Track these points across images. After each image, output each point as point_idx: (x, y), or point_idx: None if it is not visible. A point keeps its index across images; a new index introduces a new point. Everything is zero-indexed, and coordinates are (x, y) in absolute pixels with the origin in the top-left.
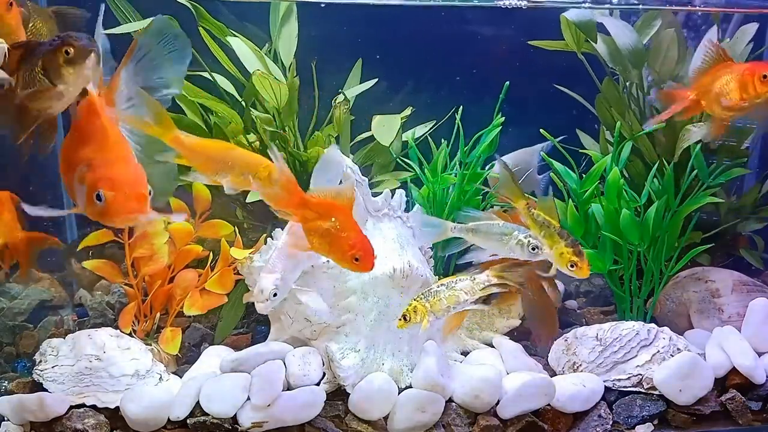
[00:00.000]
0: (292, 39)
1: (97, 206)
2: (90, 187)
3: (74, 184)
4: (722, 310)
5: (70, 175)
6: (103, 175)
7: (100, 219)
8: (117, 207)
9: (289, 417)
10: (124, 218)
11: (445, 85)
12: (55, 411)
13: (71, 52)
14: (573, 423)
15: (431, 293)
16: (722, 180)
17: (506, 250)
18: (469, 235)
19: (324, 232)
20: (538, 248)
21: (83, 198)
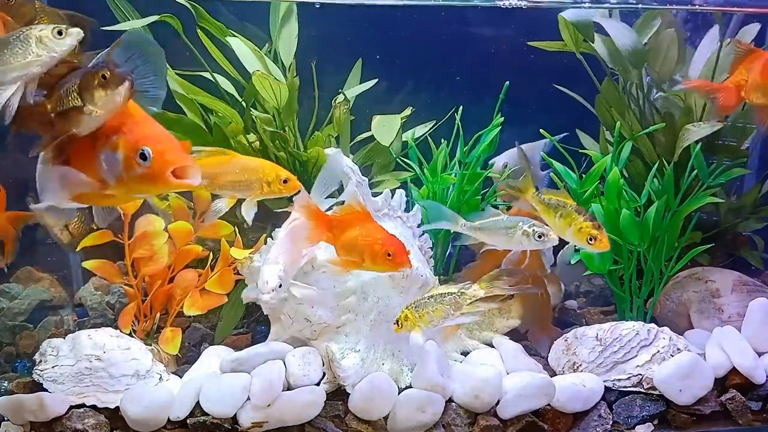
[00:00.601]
0: (292, 39)
1: (142, 168)
2: (130, 150)
3: (99, 160)
4: (722, 310)
5: (88, 154)
6: (143, 133)
7: (146, 182)
8: (166, 160)
9: (289, 417)
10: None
11: (444, 85)
12: (55, 411)
13: (107, 76)
14: (573, 423)
15: (421, 304)
16: (722, 180)
17: (514, 244)
18: (476, 232)
19: (354, 241)
20: (544, 235)
21: (117, 168)
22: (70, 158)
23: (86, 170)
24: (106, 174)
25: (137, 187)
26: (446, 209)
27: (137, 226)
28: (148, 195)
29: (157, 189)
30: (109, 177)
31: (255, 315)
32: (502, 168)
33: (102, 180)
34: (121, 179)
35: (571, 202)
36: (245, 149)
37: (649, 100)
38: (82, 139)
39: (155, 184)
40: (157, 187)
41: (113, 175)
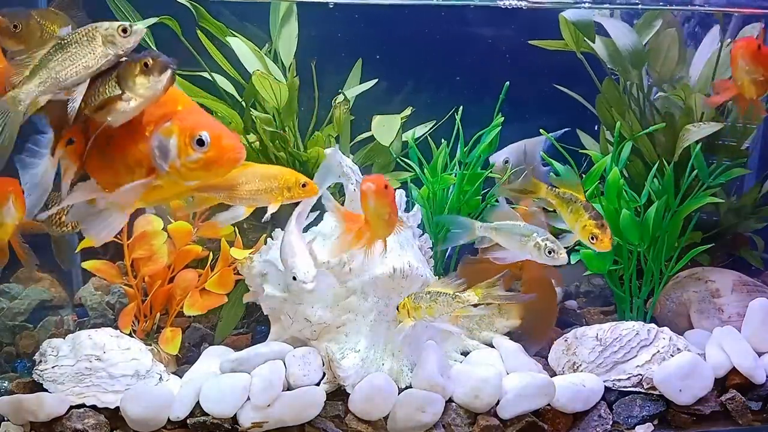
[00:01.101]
0: (292, 39)
1: (198, 154)
2: (186, 135)
3: (151, 147)
4: (722, 310)
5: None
6: (198, 120)
7: (202, 168)
8: (223, 146)
9: (289, 417)
10: (232, 158)
11: (445, 85)
12: (55, 411)
13: (150, 63)
14: (573, 423)
15: (418, 297)
16: (722, 180)
17: (524, 252)
18: (493, 233)
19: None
20: (554, 252)
21: (171, 154)
22: (115, 152)
23: (132, 164)
24: (157, 162)
25: (191, 175)
26: (460, 218)
27: (136, 226)
28: (200, 183)
29: (212, 175)
30: (161, 165)
31: (255, 315)
32: (502, 164)
33: (151, 170)
34: (174, 167)
35: (582, 197)
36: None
37: (649, 100)
38: (129, 132)
39: (211, 170)
40: (212, 174)
41: (165, 162)
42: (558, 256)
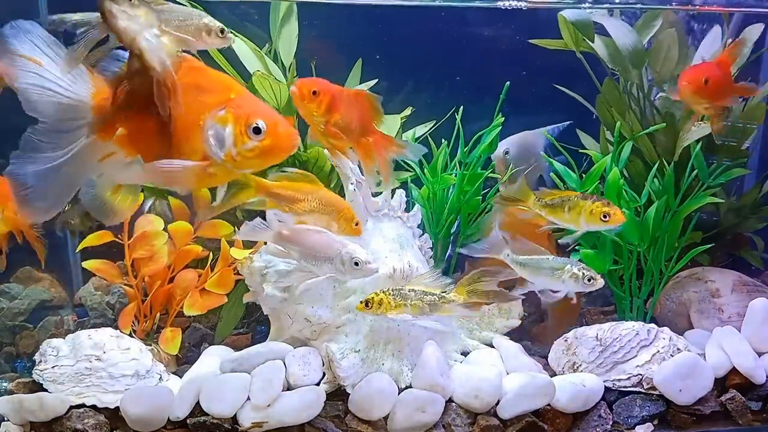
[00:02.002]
0: (292, 39)
1: (254, 142)
2: (242, 124)
3: (206, 136)
4: (722, 310)
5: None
6: (253, 108)
7: (258, 156)
8: (279, 134)
9: (289, 417)
10: (287, 146)
11: (445, 85)
12: (55, 411)
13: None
14: (573, 423)
15: (401, 294)
16: (722, 180)
17: (559, 284)
18: (518, 267)
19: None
20: (594, 279)
21: (226, 142)
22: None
23: (188, 152)
24: (213, 151)
25: (247, 163)
26: (492, 236)
27: (137, 226)
28: (254, 171)
29: (268, 163)
30: (216, 153)
31: (255, 315)
32: (503, 155)
33: (206, 158)
34: (229, 155)
35: (572, 193)
36: None
37: (649, 100)
38: (183, 120)
39: (267, 158)
40: (265, 161)
41: (222, 151)
42: (596, 282)
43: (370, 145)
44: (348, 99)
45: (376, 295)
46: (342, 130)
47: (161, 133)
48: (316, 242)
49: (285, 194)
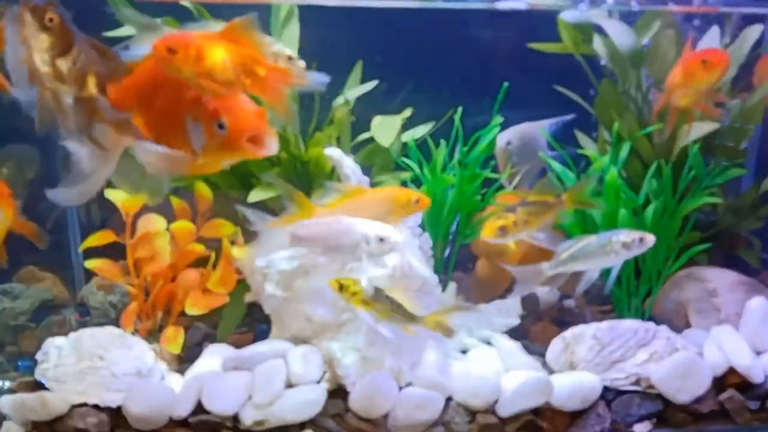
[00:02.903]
0: (293, 41)
1: (220, 138)
2: (209, 120)
3: (188, 131)
4: (720, 310)
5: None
6: (220, 104)
7: (225, 150)
8: (240, 129)
9: (290, 415)
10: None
11: (445, 86)
12: (57, 410)
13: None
14: (571, 421)
15: (378, 296)
16: (720, 180)
17: (613, 259)
18: (569, 265)
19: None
20: (644, 238)
21: (201, 138)
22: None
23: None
24: (194, 144)
25: (219, 156)
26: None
27: (139, 226)
28: (232, 162)
29: (235, 157)
30: (196, 147)
31: (256, 314)
32: (504, 146)
33: (192, 151)
34: (205, 149)
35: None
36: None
37: (647, 100)
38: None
39: (233, 152)
40: (234, 155)
41: (199, 144)
42: (647, 239)
43: (263, 81)
44: (214, 40)
45: (354, 285)
46: (220, 77)
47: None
48: (335, 232)
49: (340, 212)
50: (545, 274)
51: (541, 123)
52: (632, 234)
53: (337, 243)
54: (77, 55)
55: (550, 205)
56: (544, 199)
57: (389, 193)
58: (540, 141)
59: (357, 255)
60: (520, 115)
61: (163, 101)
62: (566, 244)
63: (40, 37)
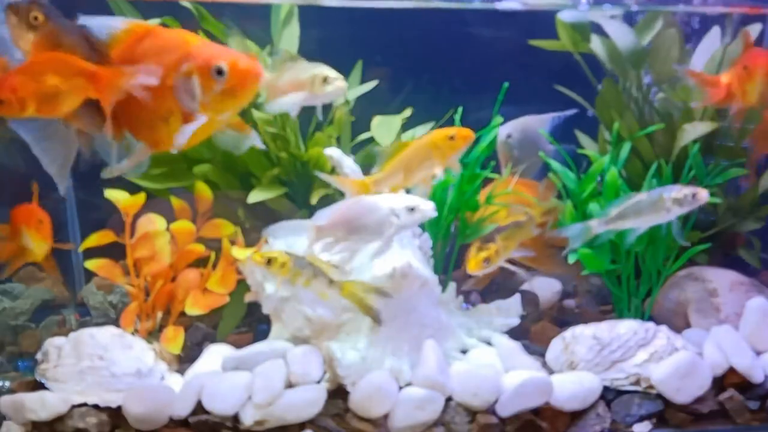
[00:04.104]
0: (293, 40)
1: (220, 84)
2: (204, 71)
3: (178, 92)
4: (720, 310)
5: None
6: (210, 52)
7: (228, 97)
8: (241, 69)
9: (290, 415)
10: (252, 79)
11: (445, 86)
12: (57, 410)
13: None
14: (571, 421)
15: (303, 264)
16: (720, 180)
17: (665, 216)
18: (618, 222)
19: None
20: (696, 193)
21: (197, 93)
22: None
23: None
24: (187, 105)
25: (221, 107)
26: (572, 227)
27: (139, 226)
28: (233, 113)
29: (239, 101)
30: (192, 106)
31: (256, 314)
32: (505, 139)
33: (186, 113)
34: (203, 104)
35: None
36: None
37: (648, 100)
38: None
39: (237, 96)
40: (239, 99)
41: (195, 102)
42: (700, 195)
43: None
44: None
45: (281, 256)
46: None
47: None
48: (358, 213)
49: (390, 175)
50: (593, 232)
51: (542, 117)
52: (684, 189)
53: (362, 223)
54: (69, 51)
55: (521, 224)
56: (514, 220)
57: (426, 140)
58: (539, 134)
59: (383, 232)
60: (520, 115)
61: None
62: (616, 202)
63: (27, 36)
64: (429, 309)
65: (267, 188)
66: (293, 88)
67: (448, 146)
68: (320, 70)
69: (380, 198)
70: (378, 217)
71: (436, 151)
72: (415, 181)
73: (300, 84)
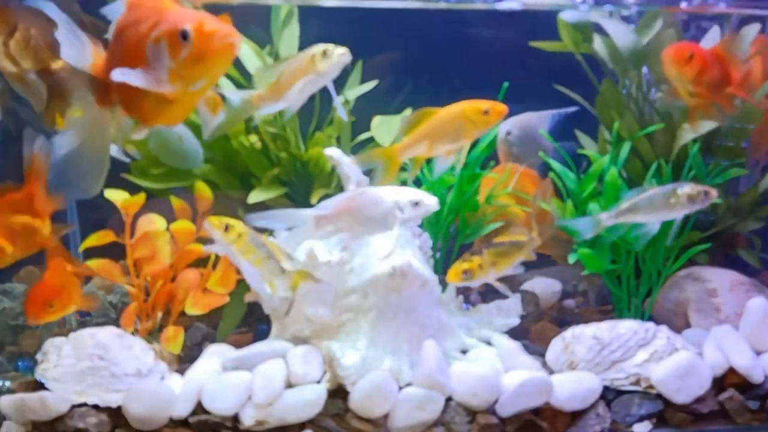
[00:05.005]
0: (293, 40)
1: (187, 49)
2: (171, 35)
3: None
4: (720, 310)
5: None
6: (177, 16)
7: (196, 62)
8: (206, 32)
9: (290, 415)
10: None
11: (445, 86)
12: (57, 410)
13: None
14: (571, 421)
15: (258, 243)
16: (720, 180)
17: (676, 212)
18: (629, 216)
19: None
20: (708, 192)
21: (165, 60)
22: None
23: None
24: (158, 73)
25: (190, 73)
26: (577, 219)
27: (139, 226)
28: (205, 81)
29: (209, 68)
30: (162, 74)
31: (256, 314)
32: (505, 136)
33: (158, 82)
34: (173, 72)
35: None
36: (246, 150)
37: (648, 100)
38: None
39: (206, 62)
40: (209, 66)
41: (165, 70)
42: (711, 194)
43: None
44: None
45: (239, 226)
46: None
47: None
48: (362, 205)
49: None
50: (603, 225)
51: (541, 114)
52: (697, 187)
53: (366, 216)
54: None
55: (521, 245)
56: (514, 238)
57: (458, 109)
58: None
59: (386, 225)
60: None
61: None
62: (628, 195)
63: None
64: (429, 309)
65: (267, 188)
66: (296, 79)
67: (481, 120)
68: (315, 48)
69: (385, 191)
70: (382, 210)
71: (468, 123)
72: (439, 152)
73: (301, 70)
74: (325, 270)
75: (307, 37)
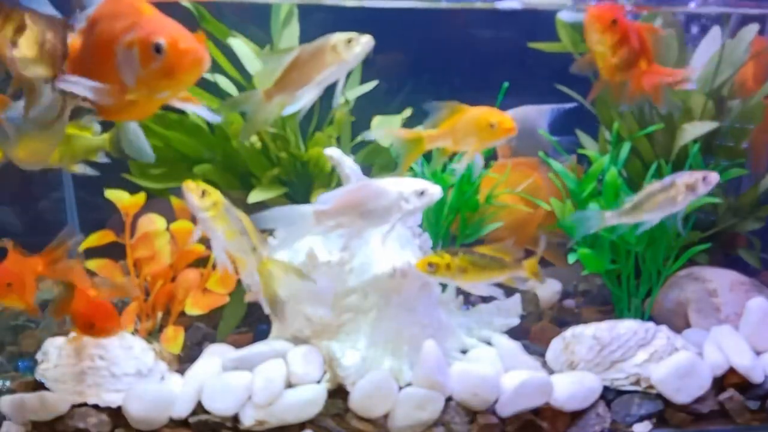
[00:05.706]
0: (293, 40)
1: (158, 62)
2: (145, 44)
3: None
4: (720, 310)
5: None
6: (155, 27)
7: (164, 76)
8: (180, 50)
9: (290, 415)
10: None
11: (445, 85)
12: (57, 410)
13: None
14: (571, 421)
15: (232, 215)
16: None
17: (680, 204)
18: (633, 214)
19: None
20: (706, 177)
21: (135, 65)
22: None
23: (104, 77)
24: (125, 75)
25: (157, 84)
26: (584, 212)
27: (139, 226)
28: (169, 93)
29: (177, 83)
30: (128, 77)
31: (256, 314)
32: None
33: (122, 84)
34: (140, 79)
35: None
36: (246, 150)
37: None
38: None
39: (173, 76)
40: (176, 82)
41: (133, 74)
42: (711, 177)
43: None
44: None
45: (217, 195)
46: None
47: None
48: (364, 197)
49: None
50: (605, 222)
51: (541, 107)
52: (695, 174)
53: (369, 208)
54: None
55: (505, 265)
56: (501, 255)
57: (474, 115)
58: (539, 124)
59: (389, 217)
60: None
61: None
62: (630, 197)
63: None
64: (429, 309)
65: (267, 188)
66: (314, 70)
67: (487, 132)
68: (338, 37)
69: (387, 182)
70: (386, 201)
71: (479, 132)
72: (462, 149)
73: (321, 61)
74: (325, 270)
75: (307, 37)
